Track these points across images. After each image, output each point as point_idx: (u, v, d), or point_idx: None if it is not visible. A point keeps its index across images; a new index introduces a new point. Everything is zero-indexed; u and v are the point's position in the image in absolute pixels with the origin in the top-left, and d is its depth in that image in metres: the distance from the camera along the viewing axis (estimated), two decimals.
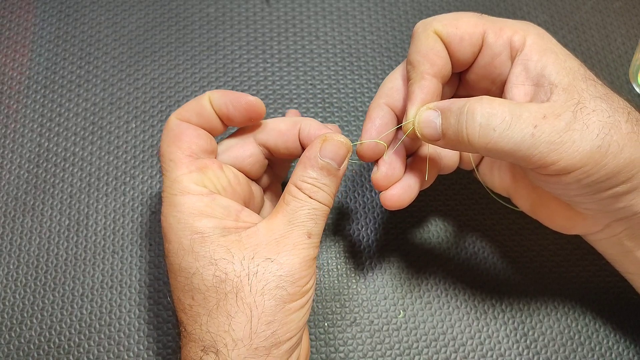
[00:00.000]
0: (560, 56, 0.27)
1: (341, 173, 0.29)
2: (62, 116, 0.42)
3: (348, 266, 0.38)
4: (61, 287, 0.36)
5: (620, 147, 0.25)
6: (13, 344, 0.35)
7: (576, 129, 0.25)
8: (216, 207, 0.28)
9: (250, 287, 0.26)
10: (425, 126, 0.27)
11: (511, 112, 0.25)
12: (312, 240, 0.27)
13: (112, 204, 0.39)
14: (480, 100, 0.26)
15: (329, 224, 0.39)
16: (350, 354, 0.35)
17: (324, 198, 0.28)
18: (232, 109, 0.30)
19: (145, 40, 0.44)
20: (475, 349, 0.36)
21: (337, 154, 0.28)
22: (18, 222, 0.38)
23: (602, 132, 0.25)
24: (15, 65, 0.43)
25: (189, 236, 0.27)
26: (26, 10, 0.45)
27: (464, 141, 0.26)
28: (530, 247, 0.39)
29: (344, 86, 0.44)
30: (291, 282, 0.26)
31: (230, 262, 0.26)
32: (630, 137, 0.25)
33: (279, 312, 0.26)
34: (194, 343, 0.26)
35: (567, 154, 0.24)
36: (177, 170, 0.28)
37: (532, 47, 0.28)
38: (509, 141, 0.25)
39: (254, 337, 0.25)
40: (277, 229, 0.27)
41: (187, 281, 0.27)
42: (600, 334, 0.37)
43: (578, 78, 0.26)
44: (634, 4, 0.48)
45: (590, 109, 0.25)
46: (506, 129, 0.25)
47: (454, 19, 0.29)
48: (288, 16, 0.46)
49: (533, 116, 0.25)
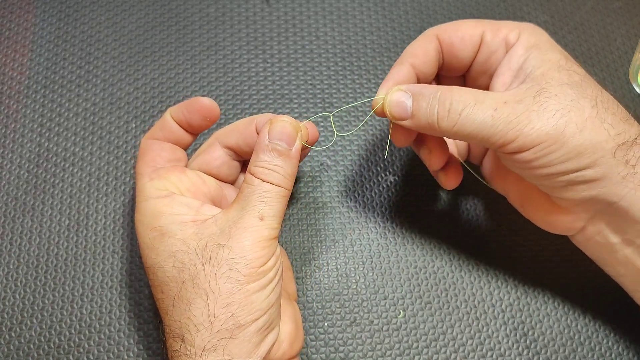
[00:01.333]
0: (543, 50, 0.29)
1: (294, 153, 0.29)
2: (62, 116, 0.42)
3: (348, 266, 0.38)
4: (61, 287, 0.36)
5: (579, 129, 0.26)
6: (13, 344, 0.35)
7: (533, 109, 0.27)
8: (175, 205, 0.29)
9: (205, 272, 0.27)
10: (395, 105, 0.29)
11: (475, 98, 0.28)
12: (265, 222, 0.27)
13: (112, 204, 0.39)
14: (451, 89, 0.28)
15: (329, 223, 0.39)
16: (350, 354, 0.35)
17: (277, 179, 0.28)
18: (187, 113, 0.32)
19: (145, 40, 0.44)
20: (475, 349, 0.36)
21: (284, 134, 0.28)
22: (18, 222, 0.38)
23: (558, 112, 0.27)
24: (15, 65, 0.43)
25: (149, 234, 0.29)
26: (26, 10, 0.45)
27: (434, 123, 0.28)
28: (530, 247, 0.39)
29: (344, 86, 0.44)
30: (244, 264, 0.27)
31: (186, 252, 0.27)
32: (592, 121, 0.27)
33: (235, 293, 0.26)
34: (169, 334, 0.28)
35: (524, 132, 0.27)
36: (141, 180, 0.31)
37: (521, 43, 0.30)
38: (472, 124, 0.27)
39: (214, 321, 0.26)
40: (232, 216, 0.28)
41: (154, 277, 0.29)
42: (600, 334, 0.37)
43: (553, 68, 0.28)
44: (634, 4, 0.48)
45: (552, 94, 0.27)
46: (469, 113, 0.27)
47: (456, 23, 0.32)
48: (288, 16, 0.46)
49: (495, 101, 0.27)
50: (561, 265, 0.38)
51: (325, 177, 0.40)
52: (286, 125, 0.29)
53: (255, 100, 0.43)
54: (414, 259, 0.38)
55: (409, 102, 0.29)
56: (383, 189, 0.40)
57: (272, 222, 0.28)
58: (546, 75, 0.28)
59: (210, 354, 0.26)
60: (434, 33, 0.32)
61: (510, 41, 0.30)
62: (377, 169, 0.41)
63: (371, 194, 0.40)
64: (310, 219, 0.39)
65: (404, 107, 0.29)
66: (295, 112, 0.42)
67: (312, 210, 0.39)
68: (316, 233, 0.39)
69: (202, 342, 0.26)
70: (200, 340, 0.26)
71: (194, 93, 0.43)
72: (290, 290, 0.34)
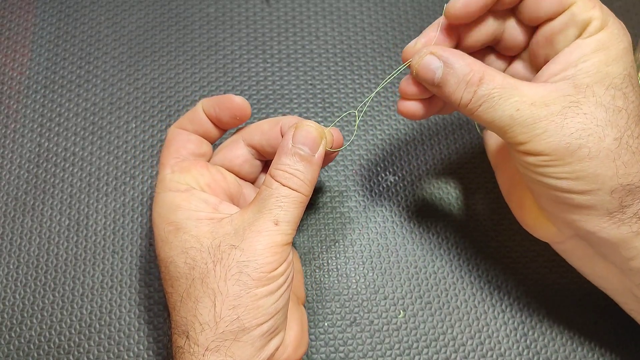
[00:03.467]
0: (609, 57, 0.27)
1: (316, 159, 0.29)
2: (62, 116, 0.42)
3: (348, 266, 0.38)
4: (61, 287, 0.36)
5: (590, 155, 0.26)
6: (13, 344, 0.35)
7: (555, 121, 0.26)
8: (193, 200, 0.29)
9: (215, 273, 0.27)
10: (424, 69, 0.28)
11: (502, 92, 0.27)
12: (279, 227, 0.27)
13: (112, 204, 0.39)
14: (483, 73, 0.27)
15: (329, 223, 0.39)
16: (350, 354, 0.35)
17: (296, 184, 0.28)
18: (218, 110, 0.31)
19: (145, 40, 0.44)
20: (475, 349, 0.36)
21: (308, 139, 0.28)
22: (18, 222, 0.38)
23: (577, 132, 0.26)
24: (15, 65, 0.43)
25: (165, 228, 0.29)
26: (26, 10, 0.45)
27: (456, 102, 0.28)
28: (530, 247, 0.39)
29: (344, 86, 0.44)
30: (254, 268, 0.27)
31: (199, 250, 0.27)
32: (607, 153, 0.26)
33: (243, 297, 0.26)
34: (175, 329, 0.28)
35: (536, 139, 0.26)
36: (163, 171, 0.31)
37: (597, 39, 0.27)
38: (490, 115, 0.27)
39: (219, 322, 0.26)
40: (247, 217, 0.28)
41: (166, 270, 0.29)
42: (600, 334, 0.37)
43: (603, 84, 0.26)
44: (634, 3, 0.48)
45: (582, 112, 0.26)
46: (490, 106, 0.27)
47: None
48: (288, 16, 0.46)
49: (521, 100, 0.26)
50: (561, 265, 0.38)
51: (325, 178, 0.40)
52: (311, 131, 0.28)
53: (255, 100, 0.43)
54: (414, 259, 0.38)
55: (438, 72, 0.28)
56: (383, 189, 0.40)
57: (287, 227, 0.28)
58: (590, 88, 0.26)
59: (213, 354, 0.26)
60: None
61: (590, 29, 0.27)
62: (377, 169, 0.41)
63: (371, 194, 0.40)
64: (311, 219, 0.39)
65: (432, 75, 0.28)
66: (295, 112, 0.42)
67: (312, 210, 0.39)
68: (316, 233, 0.39)
69: (205, 342, 0.26)
70: (204, 340, 0.26)
71: (194, 93, 0.43)
72: (299, 294, 0.33)
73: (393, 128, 0.42)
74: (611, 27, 0.27)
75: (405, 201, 0.40)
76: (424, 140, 0.42)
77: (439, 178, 0.41)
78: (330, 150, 0.30)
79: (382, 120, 0.42)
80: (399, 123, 0.42)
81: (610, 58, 0.27)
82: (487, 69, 0.27)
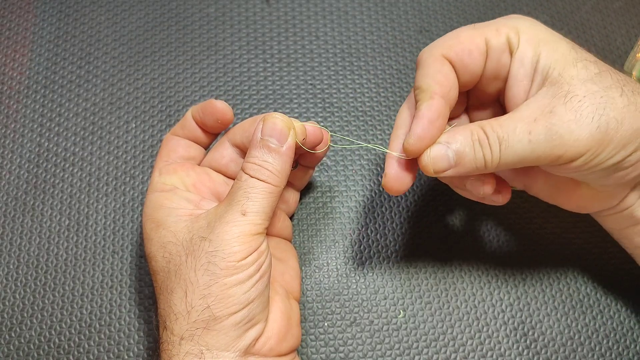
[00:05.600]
0: (551, 45, 0.28)
1: (285, 150, 0.29)
2: (62, 116, 0.42)
3: (348, 266, 0.38)
4: (61, 287, 0.36)
5: (619, 122, 0.26)
6: (13, 344, 0.35)
7: (570, 118, 0.26)
8: (175, 199, 0.31)
9: (187, 264, 0.28)
10: (440, 161, 0.28)
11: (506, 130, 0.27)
12: (247, 217, 0.28)
13: (112, 204, 0.39)
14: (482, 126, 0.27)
15: (329, 223, 0.39)
16: (350, 354, 0.35)
17: (264, 175, 0.28)
18: (202, 114, 0.33)
19: (145, 40, 0.44)
20: (475, 349, 0.36)
21: (275, 130, 0.28)
22: (18, 222, 0.38)
23: (596, 113, 0.26)
24: (15, 65, 0.43)
25: (149, 225, 0.30)
26: (26, 10, 0.45)
27: (481, 166, 0.28)
28: (531, 247, 0.39)
29: (344, 86, 0.44)
30: (222, 257, 0.27)
31: (175, 244, 0.29)
32: (627, 109, 0.26)
33: (212, 286, 0.27)
34: (160, 321, 0.29)
35: (569, 145, 0.26)
36: (153, 174, 0.33)
37: (526, 42, 0.29)
38: (514, 155, 0.27)
39: (191, 311, 0.27)
40: (219, 211, 0.29)
41: (149, 265, 0.30)
42: (600, 334, 0.37)
43: (569, 64, 0.27)
44: (634, 3, 0.48)
45: (581, 96, 0.26)
46: (506, 147, 0.27)
47: (455, 36, 0.30)
48: (288, 16, 0.46)
49: (525, 123, 0.26)
50: (561, 265, 0.38)
51: (325, 177, 0.40)
52: (277, 122, 0.29)
53: (255, 100, 0.43)
54: (414, 259, 0.38)
55: (450, 153, 0.28)
56: (383, 189, 0.40)
57: (255, 217, 0.28)
58: (564, 74, 0.27)
59: (188, 342, 0.27)
60: (439, 54, 0.29)
61: (513, 41, 0.29)
62: (377, 169, 0.41)
63: (371, 194, 0.40)
64: (311, 219, 0.39)
65: (446, 160, 0.28)
66: (295, 112, 0.42)
67: (312, 210, 0.39)
68: (316, 233, 0.39)
69: (180, 331, 0.27)
70: (179, 329, 0.27)
71: (194, 93, 0.43)
72: (290, 289, 0.33)
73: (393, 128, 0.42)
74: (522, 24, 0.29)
75: (405, 201, 0.40)
76: None
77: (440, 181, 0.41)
78: (305, 149, 0.30)
79: (382, 120, 0.42)
80: None
81: (550, 42, 0.28)
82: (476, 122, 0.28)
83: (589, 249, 0.39)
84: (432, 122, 0.28)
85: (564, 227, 0.39)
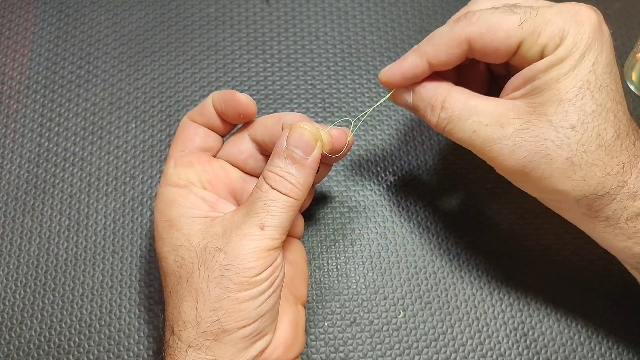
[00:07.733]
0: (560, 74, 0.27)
1: (310, 163, 0.28)
2: (62, 116, 0.42)
3: (348, 266, 0.38)
4: (61, 287, 0.36)
5: (543, 176, 0.27)
6: (13, 344, 0.35)
7: (507, 145, 0.28)
8: (190, 196, 0.29)
9: (199, 273, 0.27)
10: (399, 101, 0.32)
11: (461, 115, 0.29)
12: (265, 232, 0.27)
13: (112, 204, 0.39)
14: (445, 94, 0.29)
15: (329, 223, 0.39)
16: (350, 354, 0.35)
17: (286, 188, 0.27)
18: (224, 106, 0.31)
19: (145, 40, 0.44)
20: (475, 349, 0.36)
21: (302, 141, 0.28)
22: (18, 222, 0.38)
23: (529, 156, 0.27)
24: (15, 65, 0.43)
25: (161, 223, 0.29)
26: (26, 10, 0.45)
27: (428, 123, 0.31)
28: (531, 247, 0.39)
29: (344, 86, 0.44)
30: (236, 272, 0.26)
31: (187, 249, 0.28)
32: (560, 173, 0.27)
33: (224, 300, 0.26)
34: (166, 322, 0.29)
35: (495, 162, 0.29)
36: (168, 163, 0.31)
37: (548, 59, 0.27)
38: (455, 136, 0.29)
39: (201, 321, 0.27)
40: (236, 219, 0.28)
41: (160, 265, 0.29)
42: (600, 334, 0.37)
43: (552, 102, 0.27)
44: (633, 4, 0.48)
45: (534, 134, 0.27)
46: (453, 127, 0.29)
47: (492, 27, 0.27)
48: (288, 16, 0.46)
49: (477, 121, 0.28)
50: (561, 265, 0.38)
51: (325, 177, 0.40)
52: (304, 133, 0.28)
53: (255, 100, 0.43)
54: (414, 259, 0.38)
55: (409, 98, 0.31)
56: (383, 189, 0.40)
57: (274, 232, 0.27)
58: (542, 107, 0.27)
59: (195, 350, 0.27)
60: (466, 36, 0.28)
61: (548, 50, 0.27)
62: (377, 169, 0.41)
63: (371, 194, 0.40)
64: (310, 219, 0.39)
65: (406, 102, 0.32)
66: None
67: (312, 211, 0.39)
68: (316, 233, 0.39)
69: (188, 339, 0.27)
70: (187, 337, 0.27)
71: (194, 93, 0.43)
72: (299, 294, 0.33)
73: (393, 128, 0.42)
74: (569, 39, 0.27)
75: (405, 201, 0.40)
76: (424, 140, 0.42)
77: (439, 178, 0.41)
78: (328, 155, 0.30)
79: (382, 121, 0.42)
80: (399, 123, 0.42)
81: (562, 74, 0.27)
82: (450, 91, 0.29)
83: (589, 250, 0.39)
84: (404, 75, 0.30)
85: (564, 227, 0.39)
